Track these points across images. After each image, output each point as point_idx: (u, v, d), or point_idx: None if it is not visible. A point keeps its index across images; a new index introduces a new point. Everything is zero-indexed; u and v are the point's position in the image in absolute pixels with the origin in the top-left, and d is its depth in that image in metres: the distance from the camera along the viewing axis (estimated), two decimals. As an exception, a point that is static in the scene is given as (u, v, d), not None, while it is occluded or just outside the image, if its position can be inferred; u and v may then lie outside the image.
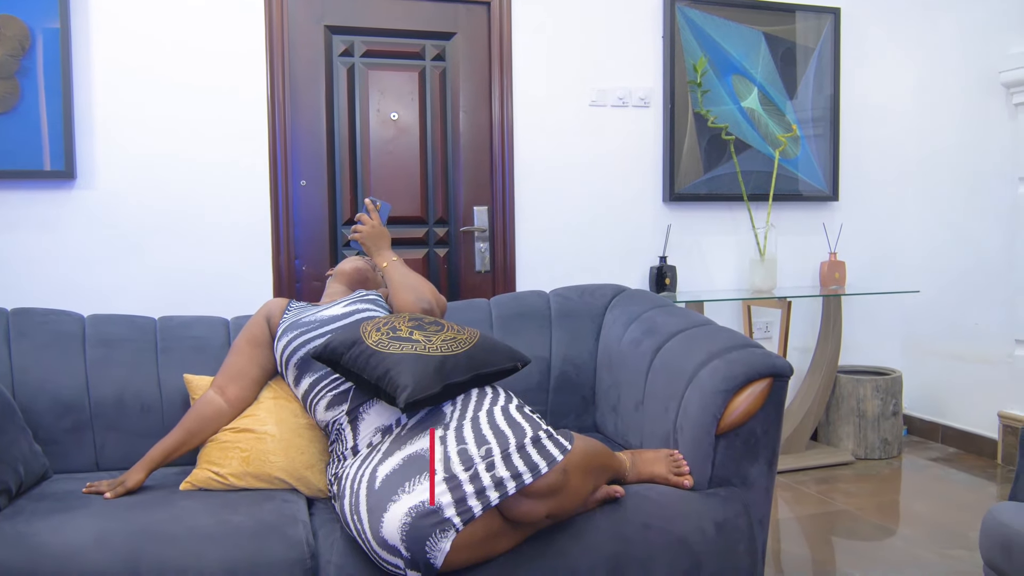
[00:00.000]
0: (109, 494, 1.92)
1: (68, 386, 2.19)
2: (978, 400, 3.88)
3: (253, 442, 2.04)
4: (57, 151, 2.96)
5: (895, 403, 3.87)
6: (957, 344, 4.00)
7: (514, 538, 1.72)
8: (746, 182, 3.87)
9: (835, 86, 4.04)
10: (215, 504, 1.86)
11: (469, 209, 3.54)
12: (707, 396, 1.96)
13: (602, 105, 3.71)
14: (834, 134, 4.06)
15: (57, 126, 2.95)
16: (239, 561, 1.66)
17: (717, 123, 3.83)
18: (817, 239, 4.06)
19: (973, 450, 3.89)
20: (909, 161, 4.22)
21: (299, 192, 3.33)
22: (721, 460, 1.96)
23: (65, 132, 2.96)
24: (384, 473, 1.68)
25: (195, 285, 3.18)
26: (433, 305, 2.16)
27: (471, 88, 3.51)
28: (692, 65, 3.77)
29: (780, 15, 3.94)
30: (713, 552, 1.88)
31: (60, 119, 2.96)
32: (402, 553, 1.58)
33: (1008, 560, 1.86)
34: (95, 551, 1.62)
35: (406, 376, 1.75)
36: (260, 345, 2.18)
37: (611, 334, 2.51)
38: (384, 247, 2.29)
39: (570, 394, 2.52)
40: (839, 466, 3.75)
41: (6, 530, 1.69)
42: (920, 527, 2.98)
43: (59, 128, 2.96)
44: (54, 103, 2.95)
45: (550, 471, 1.65)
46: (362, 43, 3.39)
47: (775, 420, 2.00)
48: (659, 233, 3.80)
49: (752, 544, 1.94)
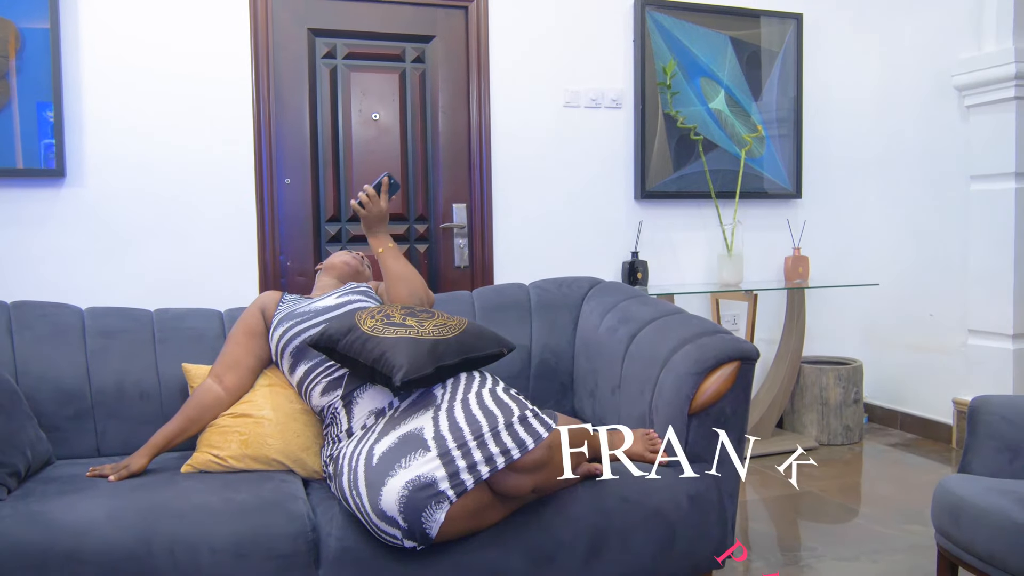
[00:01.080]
0: (113, 477, 2.01)
1: (69, 375, 2.28)
2: (934, 388, 4.07)
3: (251, 426, 2.14)
4: (48, 150, 3.03)
5: (856, 391, 4.05)
6: (914, 334, 4.20)
7: (502, 511, 1.85)
8: (714, 180, 4.03)
9: (798, 88, 4.22)
10: (217, 484, 1.96)
11: (448, 206, 3.66)
12: (680, 378, 2.10)
13: (576, 106, 3.85)
14: (797, 134, 4.23)
15: (47, 126, 3.02)
16: (245, 534, 1.76)
17: (686, 124, 3.99)
18: (782, 235, 4.23)
19: (930, 435, 4.09)
20: (869, 160, 4.41)
21: (283, 190, 3.42)
22: (694, 438, 2.10)
23: (55, 131, 3.03)
24: (381, 451, 1.80)
25: (182, 281, 3.26)
26: (424, 301, 2.28)
27: (450, 89, 3.63)
28: (662, 68, 3.92)
29: (745, 20, 4.11)
30: (687, 523, 2.02)
31: (51, 119, 3.03)
32: (400, 524, 1.70)
33: (956, 525, 2.02)
34: (109, 526, 1.72)
35: (401, 357, 1.86)
36: (256, 336, 2.28)
37: (588, 323, 2.64)
38: (383, 230, 2.35)
39: (550, 380, 2.65)
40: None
41: (20, 509, 1.78)
42: (880, 506, 3.15)
43: (49, 128, 3.03)
44: (44, 103, 3.02)
45: (536, 447, 1.77)
46: (344, 45, 3.49)
47: (743, 400, 2.14)
48: (631, 229, 3.95)
49: (723, 515, 2.08)
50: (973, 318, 3.84)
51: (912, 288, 4.20)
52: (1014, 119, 3.60)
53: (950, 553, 2.09)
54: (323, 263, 2.55)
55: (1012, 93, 3.59)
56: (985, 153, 3.74)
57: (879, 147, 4.37)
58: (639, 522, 1.97)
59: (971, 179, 3.83)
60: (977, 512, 1.96)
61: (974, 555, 1.99)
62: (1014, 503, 1.91)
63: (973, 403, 2.25)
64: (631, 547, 1.96)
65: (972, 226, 3.84)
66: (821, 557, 2.67)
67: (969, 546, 1.99)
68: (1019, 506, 1.89)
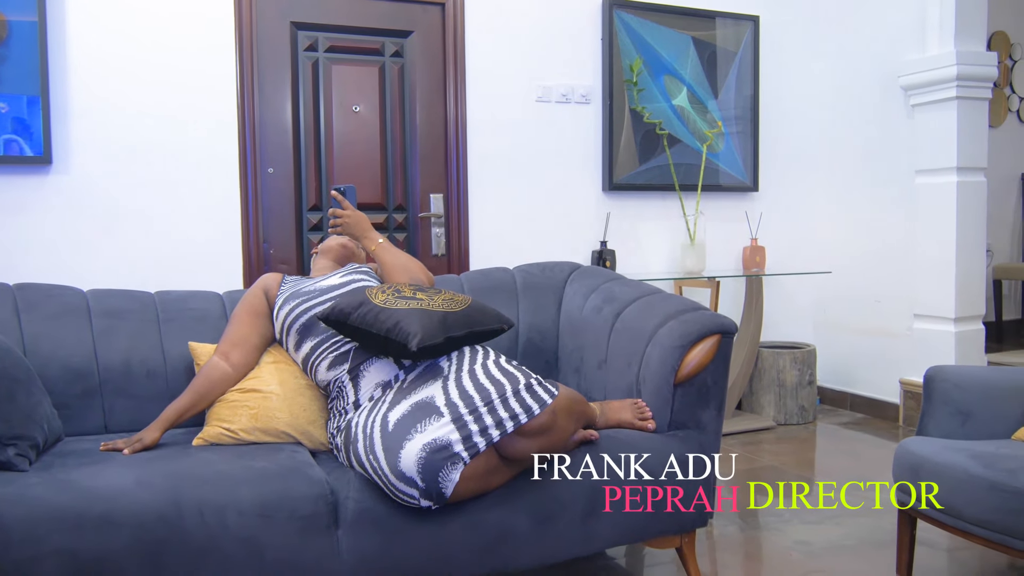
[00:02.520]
0: (127, 450, 2.09)
1: (77, 354, 2.34)
2: (882, 370, 4.33)
3: (260, 400, 2.24)
4: (37, 138, 3.06)
5: (810, 374, 4.28)
6: (863, 319, 4.45)
7: (507, 474, 1.98)
8: (677, 174, 4.22)
9: (755, 87, 4.43)
10: (231, 455, 2.05)
11: (426, 196, 3.78)
12: (666, 351, 2.26)
13: (547, 101, 4.00)
14: (754, 130, 4.45)
15: (36, 114, 3.06)
16: (269, 496, 1.86)
17: (651, 119, 4.17)
18: (740, 226, 4.45)
19: (878, 415, 4.34)
20: (822, 156, 4.65)
21: (267, 179, 3.50)
22: (679, 406, 2.26)
23: (43, 120, 3.07)
24: (395, 418, 1.91)
25: (168, 268, 3.32)
26: (425, 283, 2.39)
27: (427, 83, 3.75)
28: (628, 66, 4.10)
29: (706, 21, 4.31)
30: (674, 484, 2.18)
31: (38, 107, 3.06)
32: (418, 484, 1.82)
33: (915, 478, 2.22)
34: (139, 491, 1.80)
35: (415, 325, 1.98)
36: (259, 315, 2.37)
37: (572, 304, 2.79)
38: (367, 230, 2.44)
39: (536, 359, 2.79)
40: (762, 431, 4.13)
41: (47, 478, 1.85)
42: (833, 477, 3.37)
43: (37, 116, 3.06)
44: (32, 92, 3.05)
45: (542, 412, 1.91)
46: (326, 39, 3.59)
47: (723, 372, 2.31)
48: (599, 220, 4.12)
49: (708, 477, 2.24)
50: (918, 303, 4.11)
51: (862, 276, 4.45)
52: (955, 117, 3.87)
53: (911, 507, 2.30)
54: (320, 246, 2.64)
55: (954, 93, 3.85)
56: (929, 149, 4.01)
57: (831, 143, 4.62)
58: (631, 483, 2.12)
59: (916, 173, 4.09)
60: (936, 468, 2.16)
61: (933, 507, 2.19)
62: (968, 459, 2.11)
63: (928, 372, 2.46)
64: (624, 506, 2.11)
65: (917, 217, 4.10)
66: (788, 521, 2.86)
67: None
68: (972, 461, 2.10)
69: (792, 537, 2.73)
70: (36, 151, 3.07)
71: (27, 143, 3.06)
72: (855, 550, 2.62)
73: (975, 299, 4.00)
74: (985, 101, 3.96)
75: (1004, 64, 5.55)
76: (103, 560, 1.70)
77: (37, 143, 3.08)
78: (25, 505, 1.70)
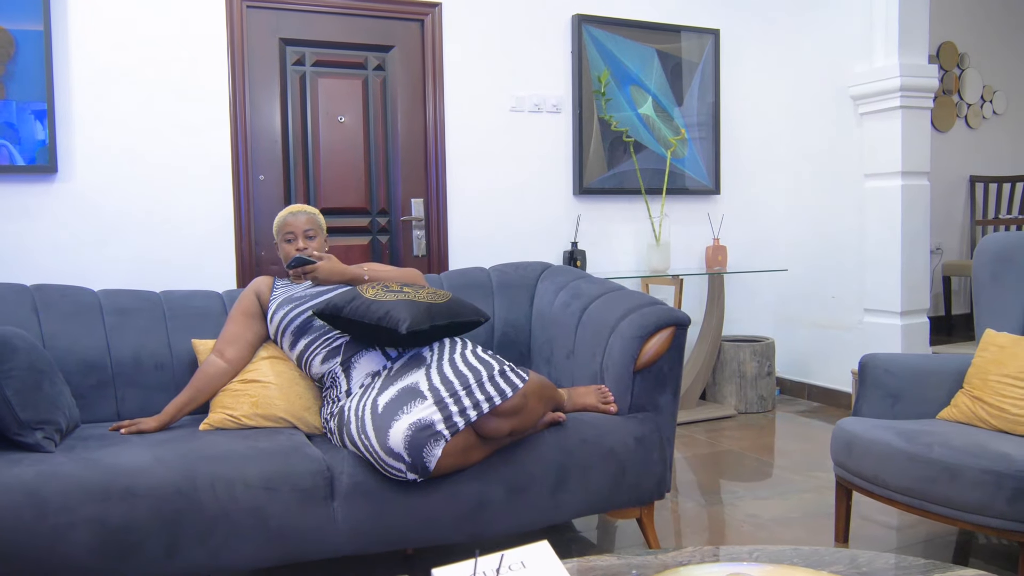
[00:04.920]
0: (124, 431, 2.35)
1: (92, 348, 2.56)
2: (836, 361, 4.63)
3: (259, 389, 2.48)
4: (41, 147, 3.27)
5: (769, 365, 4.57)
6: (818, 314, 4.75)
7: (484, 451, 2.23)
8: (643, 178, 4.49)
9: (716, 96, 4.71)
10: (236, 438, 2.29)
11: (407, 201, 4.02)
12: (626, 342, 2.52)
13: (520, 111, 4.25)
14: (716, 137, 4.73)
15: (42, 123, 3.27)
16: (273, 472, 2.10)
17: (618, 127, 4.44)
18: (703, 227, 4.73)
19: (832, 403, 4.64)
20: (778, 160, 4.95)
21: (258, 186, 3.73)
22: (638, 392, 2.52)
23: (48, 129, 3.27)
24: (384, 402, 2.16)
25: (165, 271, 3.53)
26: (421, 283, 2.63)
27: (408, 94, 3.99)
28: (597, 77, 4.36)
29: (669, 34, 4.58)
30: (634, 459, 2.44)
31: (44, 118, 3.27)
32: (405, 459, 2.07)
33: (849, 455, 2.50)
34: (158, 467, 2.03)
35: (404, 312, 2.23)
36: (252, 316, 2.60)
37: (543, 300, 3.05)
38: (342, 269, 2.52)
39: (510, 350, 3.04)
40: (724, 419, 4.41)
41: (73, 457, 2.07)
42: (790, 460, 3.66)
43: (44, 126, 3.27)
44: (37, 103, 3.26)
45: (514, 395, 2.16)
46: (312, 54, 3.82)
47: (677, 360, 2.57)
48: (570, 222, 4.38)
49: (663, 453, 2.51)
50: (868, 298, 4.40)
51: (816, 273, 4.75)
52: (900, 125, 4.17)
53: (846, 480, 2.57)
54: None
55: (898, 103, 4.15)
56: (876, 154, 4.30)
57: (788, 148, 4.91)
58: (596, 460, 2.38)
59: (865, 177, 4.39)
60: (866, 444, 2.44)
61: (863, 479, 2.47)
62: (894, 436, 2.39)
63: (863, 359, 2.73)
64: (590, 480, 2.37)
65: (866, 218, 4.40)
66: (742, 497, 3.14)
67: (859, 472, 2.47)
68: (898, 438, 2.37)
69: (744, 511, 3.00)
70: (43, 160, 3.28)
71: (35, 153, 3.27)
72: (800, 521, 2.90)
73: (920, 294, 4.30)
74: (927, 110, 4.25)
75: (952, 73, 5.85)
76: (128, 527, 1.94)
77: (44, 153, 3.28)
78: (59, 480, 1.93)
